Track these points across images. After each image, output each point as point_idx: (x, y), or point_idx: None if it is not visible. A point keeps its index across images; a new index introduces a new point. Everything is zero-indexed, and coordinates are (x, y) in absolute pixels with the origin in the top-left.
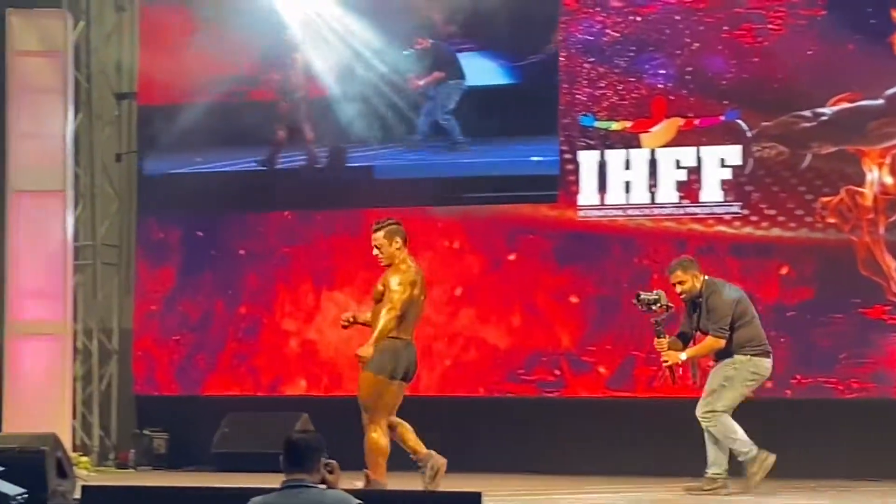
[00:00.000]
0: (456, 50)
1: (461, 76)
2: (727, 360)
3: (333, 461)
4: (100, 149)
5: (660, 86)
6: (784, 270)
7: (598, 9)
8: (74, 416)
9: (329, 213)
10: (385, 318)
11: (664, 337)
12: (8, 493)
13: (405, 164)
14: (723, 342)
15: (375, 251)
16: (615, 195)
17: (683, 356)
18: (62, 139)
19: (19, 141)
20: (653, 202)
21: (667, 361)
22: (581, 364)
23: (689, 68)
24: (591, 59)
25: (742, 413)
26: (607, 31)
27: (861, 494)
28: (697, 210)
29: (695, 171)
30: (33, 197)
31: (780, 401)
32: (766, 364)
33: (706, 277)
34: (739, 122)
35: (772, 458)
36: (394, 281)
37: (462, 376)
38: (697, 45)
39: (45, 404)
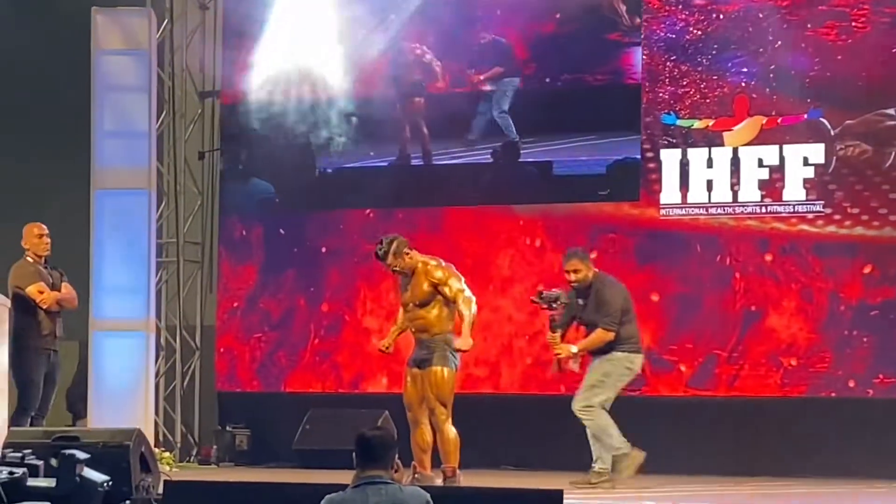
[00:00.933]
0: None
1: (517, 73)
2: (605, 356)
3: (398, 461)
4: (183, 147)
5: (742, 84)
6: (867, 269)
7: (680, 6)
8: (157, 413)
9: (410, 211)
10: (471, 309)
11: (558, 331)
12: (95, 480)
13: (482, 161)
14: (612, 335)
15: (391, 265)
16: (697, 194)
17: (575, 349)
18: (146, 137)
19: (103, 139)
20: (735, 201)
21: (559, 354)
22: (662, 363)
23: (772, 66)
24: (674, 58)
25: (824, 412)
26: (690, 28)
27: None
28: (780, 209)
29: (777, 170)
30: (117, 195)
31: (863, 400)
32: (640, 360)
33: (597, 270)
34: (822, 120)
35: (642, 455)
36: (444, 276)
37: (543, 374)
38: (780, 42)
39: (129, 401)
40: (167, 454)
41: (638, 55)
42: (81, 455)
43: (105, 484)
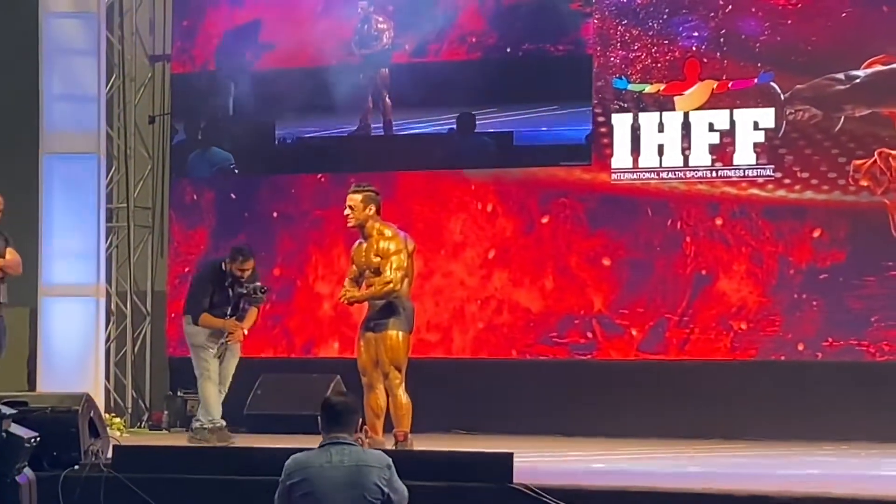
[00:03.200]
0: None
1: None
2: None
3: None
4: (133, 111)
5: (693, 48)
6: (817, 233)
7: None
8: (108, 379)
9: (362, 176)
10: (380, 289)
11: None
12: (22, 435)
13: (437, 128)
14: None
15: (347, 211)
16: (648, 158)
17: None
18: (95, 101)
19: (52, 103)
20: (686, 165)
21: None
22: (613, 327)
23: (723, 31)
24: (625, 22)
25: (773, 375)
26: None
27: (892, 457)
28: (730, 173)
29: (728, 134)
30: (66, 159)
31: (812, 363)
32: None
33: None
34: (773, 84)
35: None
36: (390, 250)
37: (495, 339)
38: (731, 7)
39: (79, 366)
40: (118, 420)
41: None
42: (7, 411)
43: (32, 440)
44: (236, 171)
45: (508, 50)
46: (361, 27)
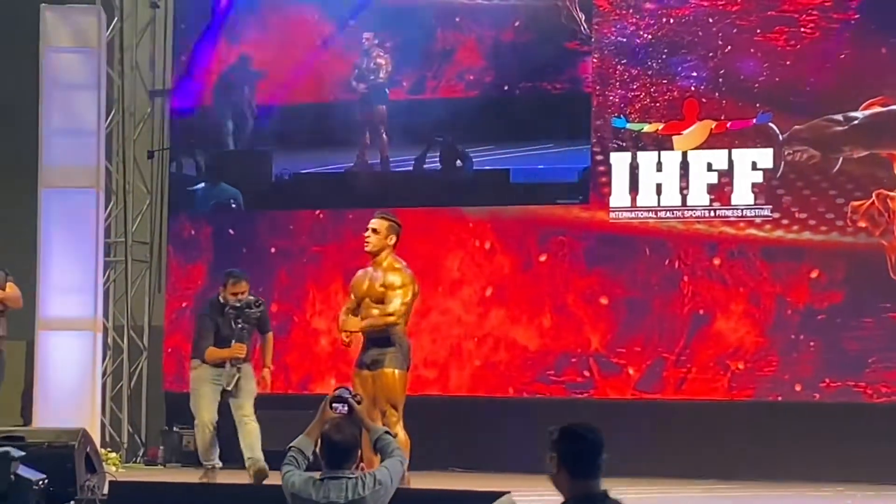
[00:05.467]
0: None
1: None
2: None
3: (359, 393)
4: (132, 146)
5: (692, 88)
6: (814, 274)
7: (630, 10)
8: (104, 413)
9: (361, 212)
10: (379, 322)
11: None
12: (30, 478)
13: (436, 165)
14: None
15: (370, 234)
16: (646, 197)
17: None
18: (94, 136)
19: (52, 137)
20: (684, 204)
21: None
22: (610, 365)
23: (722, 71)
24: (624, 61)
25: (771, 416)
26: (640, 32)
27: (888, 499)
28: (728, 213)
29: (726, 174)
30: (65, 194)
31: (809, 404)
32: None
33: None
34: (771, 125)
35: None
36: (396, 284)
37: (492, 376)
38: (730, 47)
39: (75, 400)
40: (113, 454)
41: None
42: (16, 453)
43: (40, 482)
44: (234, 205)
45: (506, 88)
46: (361, 61)
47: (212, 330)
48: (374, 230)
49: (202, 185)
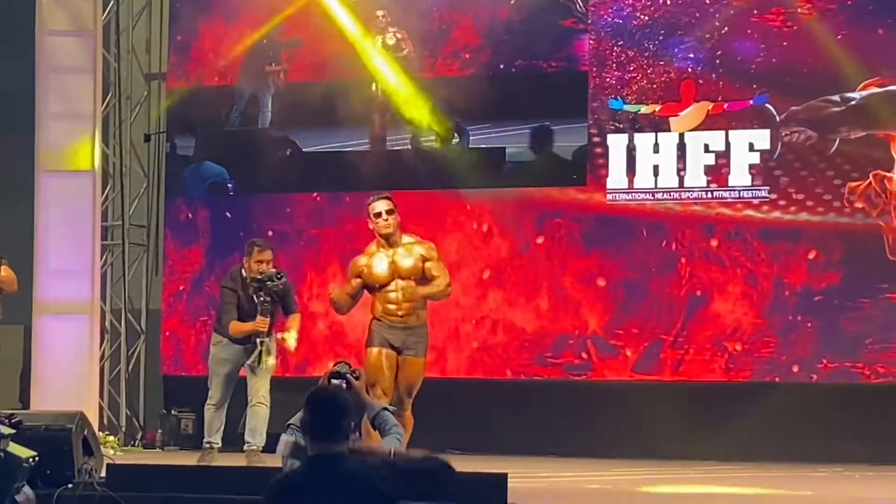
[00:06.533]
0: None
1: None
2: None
3: (357, 369)
4: (128, 129)
5: (689, 69)
6: (812, 255)
7: None
8: (102, 397)
9: (357, 196)
10: (449, 286)
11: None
12: (20, 455)
13: (433, 146)
14: None
15: (388, 217)
16: (644, 179)
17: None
18: (91, 119)
19: (48, 121)
20: (681, 186)
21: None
22: (608, 347)
23: (719, 52)
24: (621, 43)
25: (768, 397)
26: (637, 14)
27: (886, 479)
28: (726, 194)
29: (723, 156)
30: (62, 177)
31: (807, 385)
32: None
33: None
34: (768, 106)
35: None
36: (432, 252)
37: (489, 359)
38: (727, 29)
39: (73, 384)
40: (111, 438)
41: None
42: (6, 430)
43: (31, 460)
44: (230, 186)
45: (502, 66)
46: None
47: (234, 303)
48: (389, 211)
49: (189, 167)
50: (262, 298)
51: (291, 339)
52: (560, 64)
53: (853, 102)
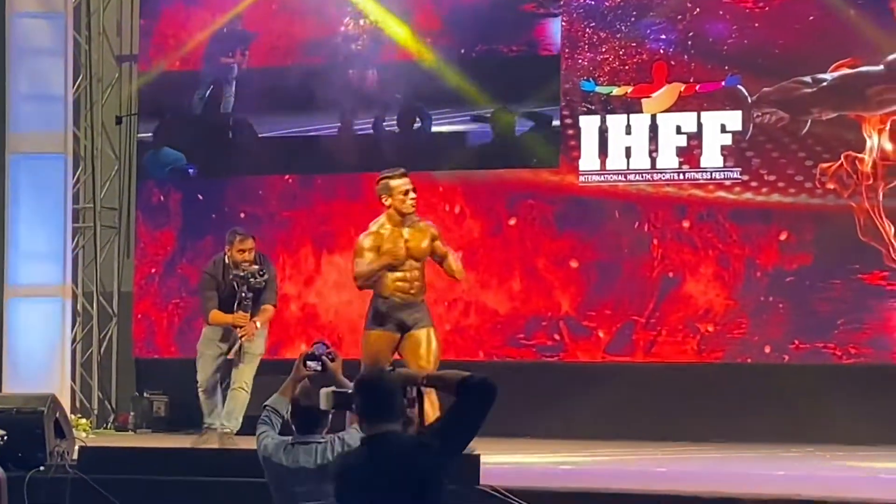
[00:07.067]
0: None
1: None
2: (264, 332)
3: (333, 350)
4: (100, 111)
5: (661, 51)
6: (783, 236)
7: None
8: (74, 379)
9: (329, 178)
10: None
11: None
12: None
13: (394, 131)
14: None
15: (413, 195)
16: (616, 160)
17: (259, 325)
18: (62, 101)
19: (19, 103)
20: (653, 167)
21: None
22: (580, 329)
23: (691, 33)
24: (593, 24)
25: (740, 378)
26: None
27: (858, 459)
28: (698, 175)
29: (695, 137)
30: (33, 159)
31: (778, 366)
32: None
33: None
34: (740, 87)
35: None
36: (436, 232)
37: (462, 341)
38: (699, 10)
39: (45, 367)
40: (84, 421)
41: (552, 26)
42: None
43: (0, 438)
44: (191, 172)
45: (462, 51)
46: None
47: (214, 289)
48: (414, 189)
49: (150, 152)
50: (243, 294)
51: (251, 327)
52: (521, 48)
53: (825, 84)
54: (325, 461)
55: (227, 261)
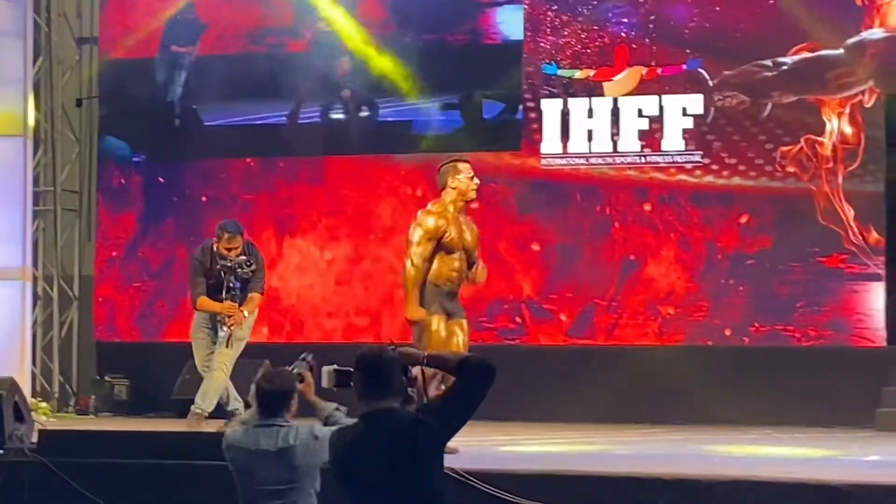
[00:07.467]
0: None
1: None
2: (253, 317)
3: (305, 372)
4: (60, 94)
5: (622, 34)
6: (744, 219)
7: None
8: (34, 363)
9: (292, 161)
10: None
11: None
12: None
13: (365, 112)
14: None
15: (478, 183)
16: (578, 144)
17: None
18: (22, 84)
19: None
20: (615, 151)
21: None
22: (542, 312)
23: (652, 17)
24: (555, 8)
25: (701, 360)
26: None
27: (817, 441)
28: (659, 159)
29: (657, 120)
30: None
31: (739, 349)
32: None
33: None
34: (701, 71)
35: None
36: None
37: None
38: None
39: (5, 350)
40: (44, 404)
41: (496, 16)
42: None
43: None
44: (137, 161)
45: (408, 40)
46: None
47: (202, 275)
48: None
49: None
50: (231, 284)
51: (239, 316)
52: (465, 38)
53: (785, 67)
54: (286, 445)
55: (215, 248)
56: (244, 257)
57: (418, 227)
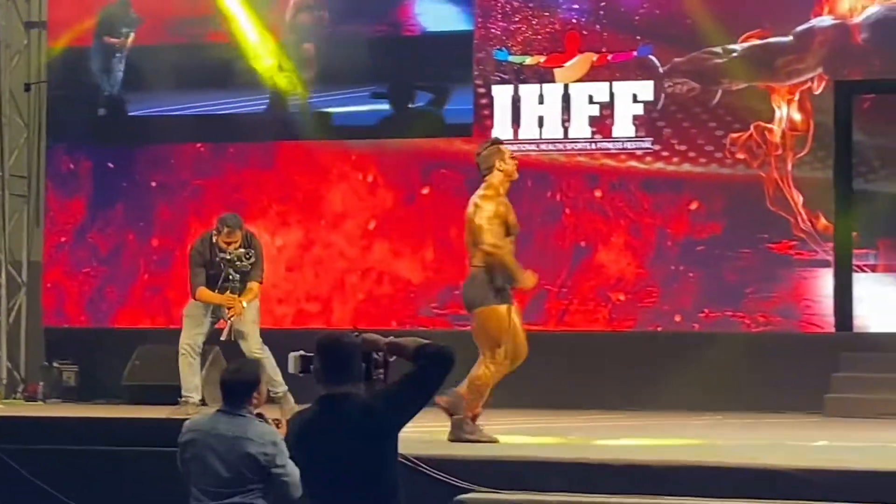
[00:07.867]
0: None
1: None
2: (255, 302)
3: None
4: (7, 78)
5: (573, 20)
6: (694, 205)
7: None
8: None
9: (242, 146)
10: None
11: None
12: None
13: (318, 99)
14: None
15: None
16: (528, 130)
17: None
18: None
19: None
20: (566, 137)
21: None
22: None
23: (603, 3)
24: None
25: (651, 346)
26: None
27: (767, 427)
28: (609, 145)
29: (607, 107)
30: None
31: (688, 334)
32: None
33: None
34: (652, 57)
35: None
36: None
37: (375, 310)
38: None
39: None
40: None
41: (414, 7)
42: None
43: None
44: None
45: (330, 31)
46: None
47: (202, 265)
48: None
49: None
50: (230, 276)
51: (239, 307)
52: (387, 29)
53: (735, 54)
54: (242, 434)
55: (214, 240)
56: (243, 250)
57: (480, 210)
